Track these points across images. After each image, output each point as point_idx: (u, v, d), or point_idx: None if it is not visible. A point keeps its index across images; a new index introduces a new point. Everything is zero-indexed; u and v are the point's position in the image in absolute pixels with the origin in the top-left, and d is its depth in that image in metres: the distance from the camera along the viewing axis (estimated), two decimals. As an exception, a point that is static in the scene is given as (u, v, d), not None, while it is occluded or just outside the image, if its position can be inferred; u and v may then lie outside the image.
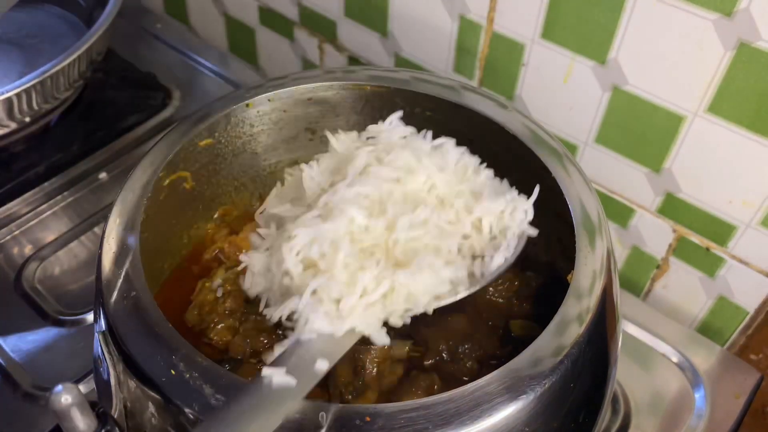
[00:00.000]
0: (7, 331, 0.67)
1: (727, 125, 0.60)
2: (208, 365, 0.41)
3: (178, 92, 0.94)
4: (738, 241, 0.65)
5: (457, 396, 0.40)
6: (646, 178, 0.68)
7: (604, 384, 0.49)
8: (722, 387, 0.65)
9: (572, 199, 0.52)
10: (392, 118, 0.56)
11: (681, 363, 0.67)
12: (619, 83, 0.64)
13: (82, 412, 0.39)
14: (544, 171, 0.55)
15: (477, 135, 0.61)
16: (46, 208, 0.79)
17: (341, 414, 0.39)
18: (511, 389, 0.41)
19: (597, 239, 0.49)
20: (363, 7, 0.81)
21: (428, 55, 0.78)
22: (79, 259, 0.74)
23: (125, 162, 0.84)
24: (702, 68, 0.59)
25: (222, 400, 0.40)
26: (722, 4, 0.55)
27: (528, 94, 0.72)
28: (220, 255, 0.62)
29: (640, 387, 0.65)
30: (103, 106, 0.89)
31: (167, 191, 0.57)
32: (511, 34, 0.69)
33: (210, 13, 1.05)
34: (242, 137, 0.63)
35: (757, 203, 0.62)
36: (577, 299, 0.46)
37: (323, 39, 0.90)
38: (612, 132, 0.68)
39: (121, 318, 0.44)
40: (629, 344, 0.68)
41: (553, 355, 0.43)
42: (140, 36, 1.05)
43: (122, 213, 0.51)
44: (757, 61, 0.55)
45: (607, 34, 0.62)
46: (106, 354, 0.44)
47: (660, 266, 0.73)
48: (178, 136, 0.57)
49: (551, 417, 0.43)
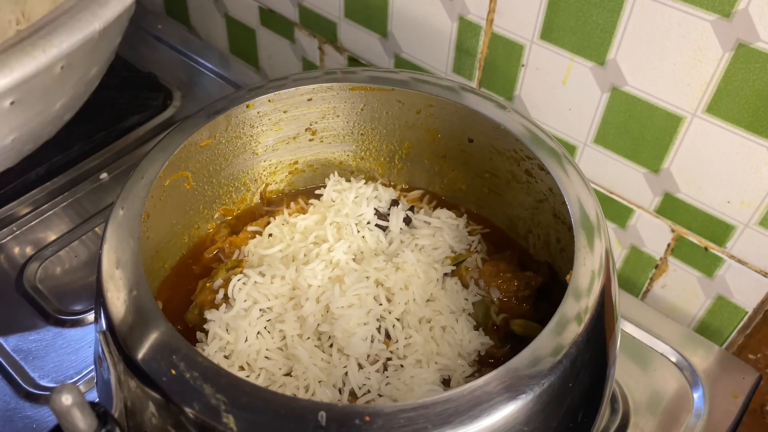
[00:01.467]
0: (8, 330, 0.67)
1: (725, 126, 0.60)
2: (208, 365, 0.42)
3: (179, 93, 0.95)
4: (736, 241, 0.66)
5: (457, 395, 0.40)
6: (645, 179, 0.68)
7: (603, 383, 0.49)
8: (721, 386, 0.65)
9: (571, 200, 0.52)
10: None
11: (679, 362, 0.67)
12: (617, 84, 0.64)
13: (82, 412, 0.39)
14: (543, 171, 0.55)
15: (476, 135, 0.62)
16: (48, 209, 0.79)
17: (341, 414, 0.39)
18: (510, 389, 0.41)
19: (596, 239, 0.50)
20: (363, 8, 0.81)
21: (428, 55, 0.79)
22: (80, 259, 0.74)
23: (126, 162, 0.85)
24: (700, 69, 0.59)
25: (222, 400, 0.40)
26: (721, 5, 0.55)
27: (527, 94, 0.72)
28: (220, 255, 0.63)
29: (639, 386, 0.65)
30: (104, 107, 0.89)
31: (168, 191, 0.57)
32: (511, 35, 0.69)
33: (210, 14, 1.05)
34: (242, 138, 0.63)
35: (755, 203, 0.62)
36: (576, 299, 0.46)
37: (323, 40, 0.90)
38: (611, 132, 0.68)
39: (122, 318, 0.44)
40: (628, 344, 0.68)
41: (552, 354, 0.43)
42: (141, 37, 1.05)
43: (123, 213, 0.51)
44: (755, 62, 0.56)
45: (606, 35, 0.62)
46: (106, 354, 0.44)
47: (658, 266, 0.73)
48: (179, 137, 0.57)
49: (550, 416, 0.43)
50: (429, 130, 0.64)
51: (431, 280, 0.57)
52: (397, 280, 0.56)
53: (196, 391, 0.40)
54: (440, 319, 0.55)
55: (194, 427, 0.40)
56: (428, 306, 0.56)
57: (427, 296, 0.57)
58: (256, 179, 0.67)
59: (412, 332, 0.54)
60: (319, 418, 0.39)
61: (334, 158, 0.69)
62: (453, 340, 0.54)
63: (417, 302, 0.56)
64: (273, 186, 0.68)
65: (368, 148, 0.68)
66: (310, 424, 0.39)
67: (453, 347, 0.54)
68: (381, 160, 0.69)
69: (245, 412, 0.39)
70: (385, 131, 0.66)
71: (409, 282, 0.56)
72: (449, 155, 0.65)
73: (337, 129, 0.66)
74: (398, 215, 0.62)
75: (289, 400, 0.40)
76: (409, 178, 0.69)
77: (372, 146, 0.68)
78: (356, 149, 0.68)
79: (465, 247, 0.62)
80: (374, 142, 0.67)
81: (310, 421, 0.39)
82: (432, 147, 0.66)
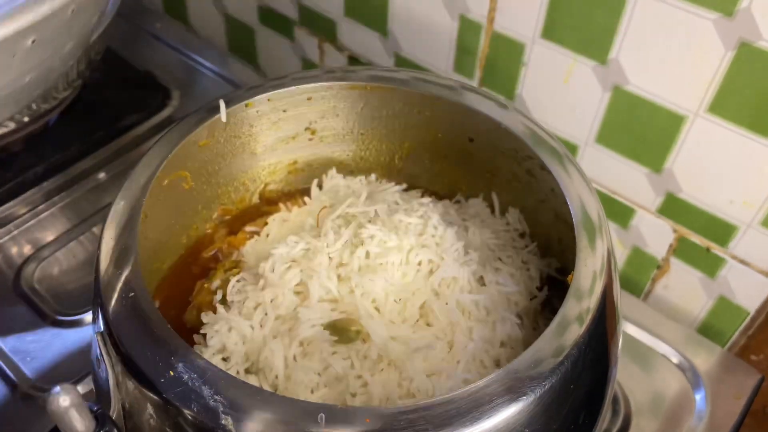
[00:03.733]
0: (6, 331, 0.67)
1: (727, 125, 0.60)
2: (206, 366, 0.41)
3: (178, 92, 0.94)
4: (739, 242, 0.65)
5: (457, 397, 0.40)
6: (647, 179, 0.68)
7: (605, 385, 0.49)
8: (723, 388, 0.65)
9: (572, 200, 0.52)
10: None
11: (681, 364, 0.66)
12: (619, 83, 0.64)
13: (80, 413, 0.39)
14: (545, 171, 0.55)
15: (477, 135, 0.61)
16: (45, 208, 0.79)
17: (340, 415, 0.39)
18: (511, 390, 0.41)
19: (597, 239, 0.49)
20: (363, 6, 0.81)
21: (428, 54, 0.78)
22: (78, 259, 0.74)
23: (124, 162, 0.84)
24: (703, 68, 0.58)
25: (220, 402, 0.40)
26: (723, 4, 0.55)
27: (528, 93, 0.72)
28: (219, 255, 0.62)
29: (641, 388, 0.65)
30: (102, 106, 0.89)
31: (166, 191, 0.56)
32: (512, 33, 0.69)
33: (209, 13, 1.05)
34: (242, 137, 0.63)
35: (757, 203, 0.62)
36: (578, 300, 0.45)
37: (323, 39, 0.89)
38: (612, 132, 0.68)
39: (120, 318, 0.44)
40: (629, 345, 0.68)
41: (554, 356, 0.42)
42: (139, 35, 1.05)
43: (121, 213, 0.51)
44: (757, 61, 0.55)
45: (608, 34, 0.62)
46: (104, 354, 0.44)
47: (660, 266, 0.73)
48: (178, 136, 0.56)
49: (551, 418, 0.43)
50: (429, 129, 0.64)
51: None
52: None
53: (195, 393, 0.40)
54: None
55: (193, 429, 0.40)
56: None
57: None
58: (255, 179, 0.67)
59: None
60: (319, 419, 0.39)
61: (333, 158, 0.68)
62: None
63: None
64: (272, 186, 0.68)
65: (368, 148, 0.68)
66: (310, 426, 0.39)
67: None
68: (381, 159, 0.68)
69: (244, 414, 0.39)
70: (385, 131, 0.66)
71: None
72: (450, 155, 0.65)
73: (336, 128, 0.66)
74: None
75: (288, 401, 0.40)
76: (410, 177, 0.69)
77: (372, 146, 0.68)
78: (356, 149, 0.68)
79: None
80: (374, 142, 0.67)
81: (310, 422, 0.39)
82: (432, 146, 0.65)
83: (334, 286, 0.54)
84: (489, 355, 0.51)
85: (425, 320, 0.54)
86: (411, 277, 0.55)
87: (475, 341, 0.52)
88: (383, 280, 0.53)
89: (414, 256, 0.55)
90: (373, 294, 0.53)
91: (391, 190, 0.64)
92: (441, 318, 0.53)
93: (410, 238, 0.56)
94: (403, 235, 0.56)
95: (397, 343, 0.51)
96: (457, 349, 0.51)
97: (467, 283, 0.55)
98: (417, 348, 0.50)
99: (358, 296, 0.53)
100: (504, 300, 0.55)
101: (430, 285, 0.54)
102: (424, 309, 0.54)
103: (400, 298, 0.54)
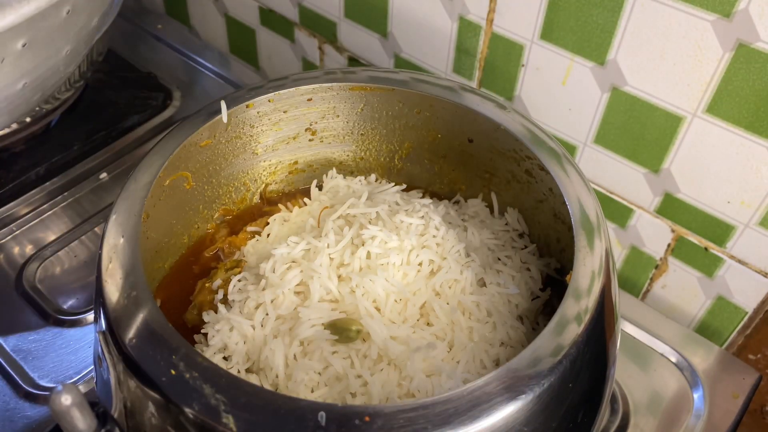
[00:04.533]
0: (8, 330, 0.67)
1: (725, 126, 0.60)
2: (208, 365, 0.42)
3: (179, 93, 0.94)
4: (736, 242, 0.66)
5: (456, 396, 0.40)
6: (645, 179, 0.68)
7: (603, 384, 0.49)
8: (721, 387, 0.65)
9: (571, 200, 0.52)
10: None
11: (679, 363, 0.67)
12: (618, 84, 0.64)
13: (82, 412, 0.39)
14: (543, 171, 0.55)
15: (476, 135, 0.62)
16: (47, 208, 0.79)
17: (341, 414, 0.39)
18: (510, 389, 0.41)
19: (596, 239, 0.50)
20: (363, 7, 0.81)
21: (428, 55, 0.79)
22: (80, 259, 0.74)
23: (126, 162, 0.84)
24: (701, 69, 0.59)
25: (221, 401, 0.40)
26: (721, 5, 0.55)
27: (527, 94, 0.72)
28: (220, 255, 0.63)
29: (639, 387, 0.65)
30: (104, 107, 0.89)
31: (168, 191, 0.57)
32: (511, 35, 0.69)
33: (210, 14, 1.05)
34: (242, 138, 0.63)
35: (755, 203, 0.62)
36: (576, 299, 0.46)
37: (323, 40, 0.90)
38: (611, 132, 0.68)
39: (122, 318, 0.44)
40: (628, 344, 0.68)
41: (552, 355, 0.43)
42: (141, 36, 1.05)
43: (123, 213, 0.51)
44: (755, 62, 0.56)
45: (606, 35, 0.62)
46: (106, 354, 0.44)
47: (659, 266, 0.73)
48: (179, 137, 0.57)
49: (550, 417, 0.43)
50: (429, 130, 0.64)
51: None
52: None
53: (196, 392, 0.40)
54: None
55: (194, 428, 0.40)
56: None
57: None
58: (256, 179, 0.67)
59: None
60: (319, 418, 0.39)
61: (334, 158, 0.69)
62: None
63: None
64: (273, 186, 0.68)
65: (368, 148, 0.68)
66: (310, 425, 0.39)
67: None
68: (381, 160, 0.69)
69: (245, 413, 0.39)
70: (385, 131, 0.66)
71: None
72: (449, 155, 0.65)
73: (337, 129, 0.66)
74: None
75: (288, 400, 0.40)
76: (409, 178, 0.69)
77: (372, 146, 0.68)
78: (356, 149, 0.68)
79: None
80: (374, 142, 0.67)
81: (310, 421, 0.39)
82: (432, 147, 0.66)
83: (335, 286, 0.54)
84: (489, 354, 0.52)
85: (425, 320, 0.54)
86: (412, 277, 0.55)
87: (475, 341, 0.52)
88: (384, 281, 0.54)
89: (415, 257, 0.56)
90: (374, 294, 0.53)
91: (391, 191, 0.64)
92: (441, 318, 0.53)
93: (411, 239, 0.56)
94: (404, 236, 0.56)
95: (397, 343, 0.51)
96: (457, 349, 0.52)
97: (469, 284, 0.55)
98: (417, 348, 0.50)
99: (358, 296, 0.53)
100: (505, 301, 0.55)
101: (431, 286, 0.55)
102: (424, 309, 0.54)
103: (400, 298, 0.54)
